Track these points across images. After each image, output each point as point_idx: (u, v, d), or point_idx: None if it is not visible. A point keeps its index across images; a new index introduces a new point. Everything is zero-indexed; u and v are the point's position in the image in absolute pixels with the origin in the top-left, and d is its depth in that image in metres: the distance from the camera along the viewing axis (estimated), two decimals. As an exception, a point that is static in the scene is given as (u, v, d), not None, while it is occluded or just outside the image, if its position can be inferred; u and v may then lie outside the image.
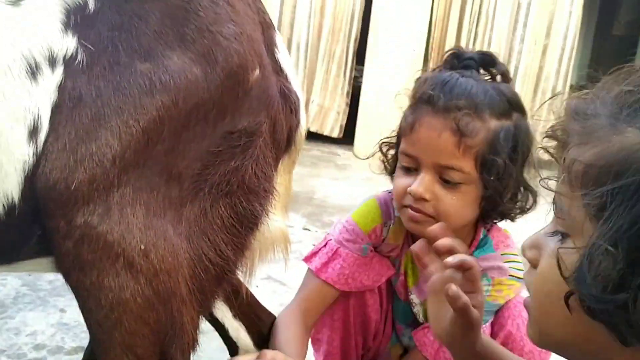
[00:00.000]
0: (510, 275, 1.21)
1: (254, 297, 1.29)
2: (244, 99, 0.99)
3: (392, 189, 1.25)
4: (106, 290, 0.91)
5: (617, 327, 0.60)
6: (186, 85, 0.93)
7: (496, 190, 1.13)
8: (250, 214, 1.00)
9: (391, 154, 1.26)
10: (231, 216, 0.99)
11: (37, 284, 2.25)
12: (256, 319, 1.30)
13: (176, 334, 0.96)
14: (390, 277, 1.36)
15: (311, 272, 1.30)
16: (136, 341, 0.94)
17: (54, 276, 2.32)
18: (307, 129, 1.15)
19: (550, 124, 0.72)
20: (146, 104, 0.90)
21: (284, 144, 1.07)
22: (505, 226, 1.28)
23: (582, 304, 0.62)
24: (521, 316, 1.20)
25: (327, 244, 1.32)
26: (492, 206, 1.17)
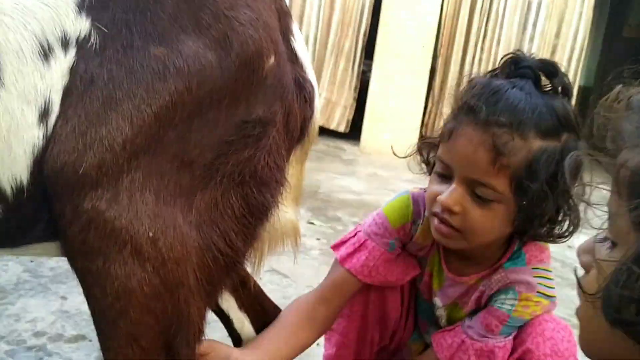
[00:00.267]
0: (538, 292, 1.16)
1: (260, 288, 1.28)
2: (259, 87, 0.97)
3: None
4: (112, 277, 0.89)
5: None
6: (200, 71, 0.91)
7: (529, 214, 1.08)
8: (261, 204, 0.98)
9: (432, 154, 1.21)
10: (242, 206, 0.97)
11: (39, 271, 2.24)
12: (261, 311, 1.28)
13: (182, 325, 0.94)
14: (415, 277, 1.33)
15: (336, 261, 1.29)
16: (141, 331, 0.92)
17: (55, 263, 2.31)
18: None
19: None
20: (159, 88, 0.88)
21: (297, 135, 1.05)
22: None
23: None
24: (543, 335, 1.15)
25: (356, 234, 1.31)
26: (524, 229, 1.13)
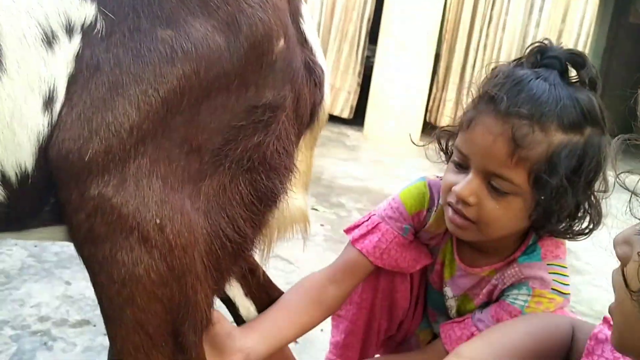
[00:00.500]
0: (552, 288, 1.13)
1: (268, 277, 1.27)
2: (268, 71, 0.95)
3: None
4: (119, 264, 0.87)
5: None
6: (208, 54, 0.89)
7: (546, 209, 1.06)
8: (270, 191, 0.97)
9: (451, 142, 1.19)
10: (250, 193, 0.95)
11: (43, 256, 2.24)
12: (267, 299, 1.27)
13: (189, 312, 0.93)
14: (426, 266, 1.32)
15: (349, 243, 1.28)
16: (148, 318, 0.91)
17: (59, 248, 2.30)
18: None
19: None
20: (166, 72, 0.86)
21: (307, 120, 1.03)
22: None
23: None
24: None
25: (370, 217, 1.30)
26: (541, 224, 1.11)
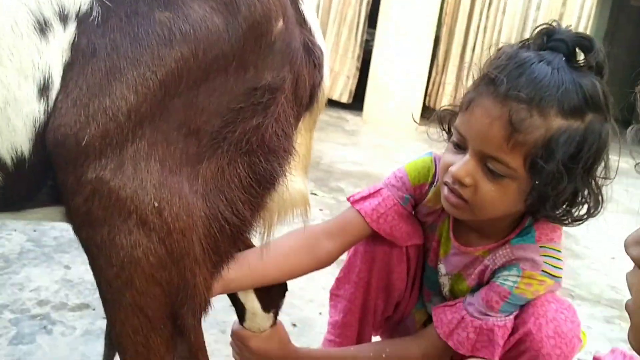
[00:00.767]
0: (543, 270, 1.13)
1: (267, 259, 1.26)
2: (267, 53, 0.94)
3: None
4: (117, 248, 0.87)
5: None
6: (207, 35, 0.88)
7: (542, 195, 1.06)
8: (268, 173, 0.96)
9: (453, 121, 1.17)
10: (249, 175, 0.95)
11: (42, 240, 2.23)
12: (266, 282, 1.27)
13: (188, 295, 0.93)
14: (419, 246, 1.34)
15: (349, 205, 1.30)
16: (147, 301, 0.91)
17: (59, 232, 2.30)
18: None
19: None
20: (164, 55, 0.86)
21: (306, 102, 1.02)
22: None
23: None
24: (545, 316, 1.12)
25: (374, 186, 1.32)
26: (536, 208, 1.10)
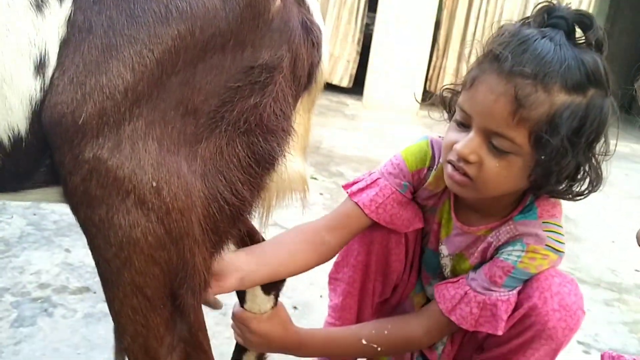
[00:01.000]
0: (547, 245, 1.14)
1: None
2: (265, 31, 0.93)
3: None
4: (116, 227, 0.87)
5: None
6: (204, 13, 0.87)
7: (547, 170, 1.06)
8: (267, 153, 0.96)
9: (455, 100, 1.19)
10: (248, 155, 0.95)
11: (42, 224, 2.24)
12: (266, 265, 1.27)
13: (187, 275, 0.93)
14: (417, 230, 1.33)
15: (347, 196, 1.30)
16: (146, 281, 0.90)
17: (58, 216, 2.30)
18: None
19: None
20: (161, 33, 0.85)
21: (305, 81, 1.01)
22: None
23: None
24: (550, 290, 1.14)
25: (370, 174, 1.32)
26: (540, 184, 1.11)
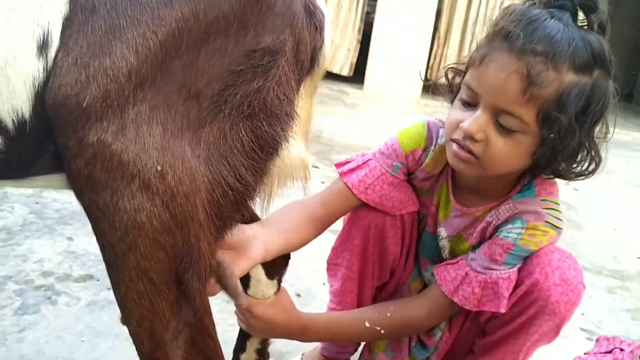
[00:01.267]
0: (547, 221, 1.16)
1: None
2: (267, 14, 0.93)
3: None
4: (121, 211, 0.87)
5: None
6: (207, -5, 0.87)
7: (553, 148, 1.08)
8: (271, 138, 0.96)
9: (457, 80, 1.21)
10: (251, 140, 0.94)
11: (44, 212, 2.24)
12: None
13: (192, 259, 0.93)
14: (413, 214, 1.34)
15: (338, 176, 1.31)
16: (151, 265, 0.90)
17: (61, 205, 2.30)
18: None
19: None
20: (165, 15, 0.84)
21: (307, 65, 1.01)
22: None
23: None
24: (551, 265, 1.15)
25: (363, 155, 1.33)
26: (546, 163, 1.12)
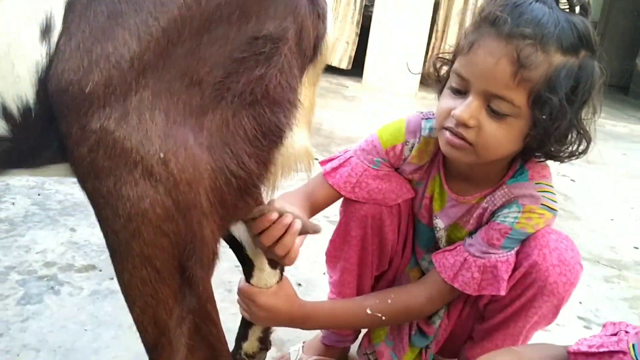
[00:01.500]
0: (542, 204, 1.18)
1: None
2: (270, 1, 0.92)
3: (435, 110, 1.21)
4: (124, 199, 0.87)
5: None
6: (209, -18, 0.87)
7: (545, 130, 1.08)
8: (274, 126, 0.96)
9: (445, 70, 1.21)
10: (254, 128, 0.94)
11: (47, 204, 2.24)
12: (273, 239, 1.27)
13: (196, 247, 0.93)
14: (408, 200, 1.34)
15: (322, 175, 1.32)
16: (155, 252, 0.91)
17: (63, 196, 2.31)
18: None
19: None
20: (167, 1, 0.84)
21: (310, 53, 1.01)
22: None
23: None
24: (548, 246, 1.17)
25: (345, 152, 1.34)
26: (537, 145, 1.14)
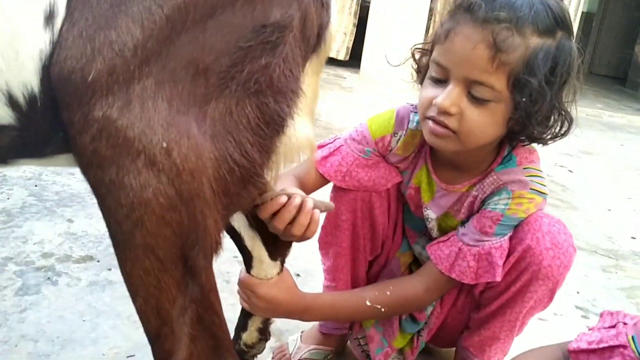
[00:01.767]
0: (531, 189, 1.19)
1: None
2: (274, -11, 0.92)
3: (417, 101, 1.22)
4: (127, 188, 0.86)
5: None
6: (213, -31, 0.86)
7: (527, 112, 1.09)
8: (277, 114, 0.95)
9: (424, 61, 1.22)
10: (257, 116, 0.94)
11: (44, 195, 2.23)
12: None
13: (199, 237, 0.93)
14: (396, 184, 1.36)
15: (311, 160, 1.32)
16: (158, 242, 0.90)
17: (60, 187, 2.30)
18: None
19: None
20: None
21: (314, 42, 1.00)
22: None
23: None
24: (541, 230, 1.18)
25: (335, 139, 1.35)
26: (520, 128, 1.14)
